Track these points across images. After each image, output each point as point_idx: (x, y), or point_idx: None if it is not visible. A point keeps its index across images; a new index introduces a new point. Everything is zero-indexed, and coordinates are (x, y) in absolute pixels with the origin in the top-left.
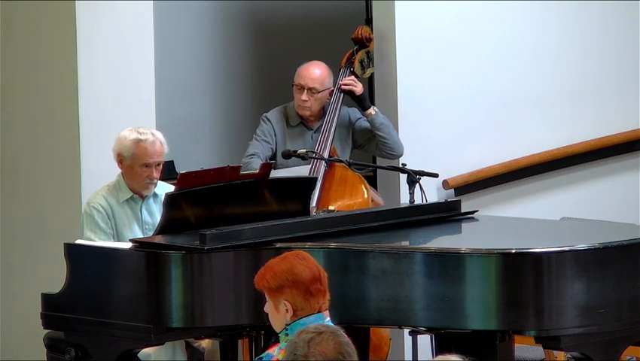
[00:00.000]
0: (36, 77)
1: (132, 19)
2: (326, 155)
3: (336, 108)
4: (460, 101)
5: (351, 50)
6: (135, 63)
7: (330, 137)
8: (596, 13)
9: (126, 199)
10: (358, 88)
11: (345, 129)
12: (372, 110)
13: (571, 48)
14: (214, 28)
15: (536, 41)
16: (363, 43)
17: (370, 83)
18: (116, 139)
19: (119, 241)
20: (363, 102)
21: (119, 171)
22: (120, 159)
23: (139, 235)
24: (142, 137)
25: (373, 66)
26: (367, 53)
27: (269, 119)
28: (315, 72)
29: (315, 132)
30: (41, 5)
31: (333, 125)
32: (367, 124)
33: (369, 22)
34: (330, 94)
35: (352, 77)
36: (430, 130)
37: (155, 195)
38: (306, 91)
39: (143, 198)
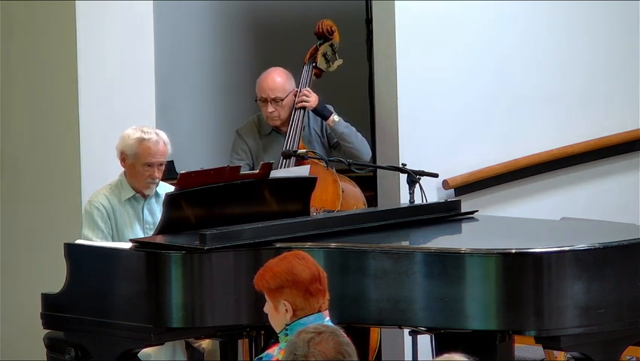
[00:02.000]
0: (36, 77)
1: (132, 19)
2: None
3: (297, 109)
4: (460, 101)
5: (314, 45)
6: (135, 63)
7: (297, 136)
8: (597, 13)
9: (128, 198)
10: (311, 102)
11: (319, 128)
12: (333, 118)
13: (571, 49)
14: (214, 28)
15: (536, 42)
16: (325, 36)
17: (369, 83)
18: (120, 137)
19: (120, 240)
20: (321, 114)
21: (119, 170)
22: (123, 157)
23: (140, 234)
24: (146, 136)
25: (339, 58)
26: (331, 45)
27: (240, 135)
28: (275, 81)
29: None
30: (41, 5)
31: (298, 125)
32: None
33: (369, 22)
34: (295, 95)
35: (305, 91)
36: (430, 130)
37: (157, 194)
38: (270, 102)
39: (145, 197)
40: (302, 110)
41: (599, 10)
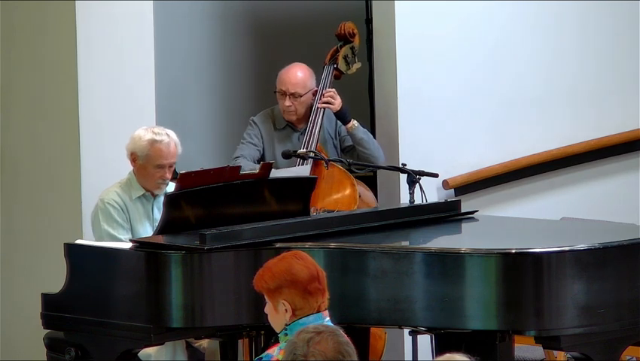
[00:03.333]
0: (36, 78)
1: (132, 19)
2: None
3: (319, 109)
4: (460, 101)
5: (335, 47)
6: (135, 63)
7: (315, 137)
8: (596, 13)
9: (138, 197)
10: (336, 105)
11: (333, 130)
12: (352, 124)
13: (570, 48)
14: (214, 28)
15: (536, 41)
16: (346, 38)
17: (370, 83)
18: (130, 137)
19: (134, 236)
20: (343, 117)
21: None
22: (134, 157)
23: (151, 231)
24: (157, 138)
25: (358, 61)
26: (352, 48)
27: (255, 123)
28: (296, 76)
29: (301, 134)
30: (41, 5)
31: (317, 125)
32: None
33: (369, 22)
34: (314, 94)
35: (331, 91)
36: (430, 130)
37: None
38: (288, 96)
39: (154, 196)
40: (322, 111)
41: (601, 10)
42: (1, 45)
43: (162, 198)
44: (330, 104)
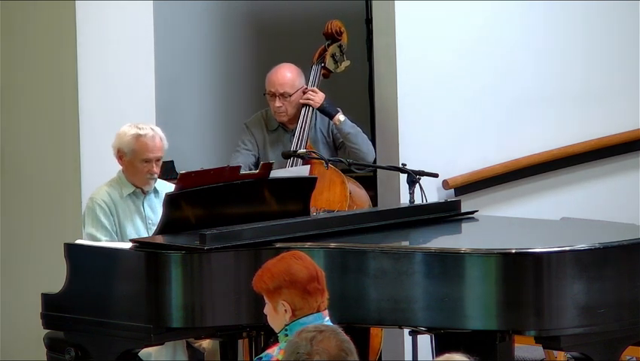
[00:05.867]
0: (36, 77)
1: (132, 19)
2: None
3: (307, 109)
4: (460, 101)
5: (322, 46)
6: (135, 63)
7: (305, 136)
8: (597, 13)
9: (129, 194)
10: (315, 100)
11: (326, 128)
12: (338, 118)
13: (571, 48)
14: (214, 28)
15: (536, 42)
16: (334, 37)
17: (369, 83)
18: (116, 135)
19: (122, 234)
20: (327, 112)
21: (119, 168)
22: (120, 154)
23: (142, 229)
24: (142, 132)
25: (347, 59)
26: (340, 46)
27: (248, 127)
28: (285, 76)
29: (293, 135)
30: (41, 5)
31: (307, 124)
32: None
33: (369, 22)
34: (304, 92)
35: (311, 89)
36: (430, 130)
37: (156, 191)
38: (278, 97)
39: (145, 193)
40: (310, 110)
41: (599, 9)
42: (1, 45)
43: (152, 196)
44: (310, 100)
